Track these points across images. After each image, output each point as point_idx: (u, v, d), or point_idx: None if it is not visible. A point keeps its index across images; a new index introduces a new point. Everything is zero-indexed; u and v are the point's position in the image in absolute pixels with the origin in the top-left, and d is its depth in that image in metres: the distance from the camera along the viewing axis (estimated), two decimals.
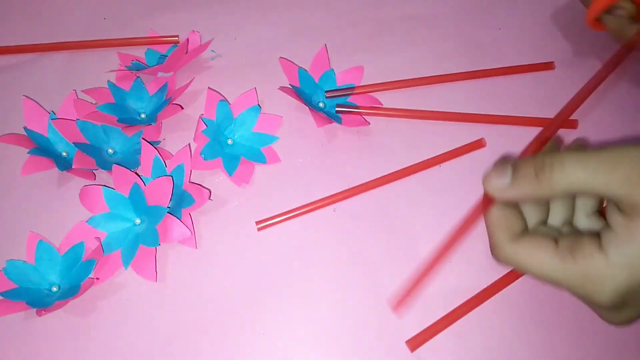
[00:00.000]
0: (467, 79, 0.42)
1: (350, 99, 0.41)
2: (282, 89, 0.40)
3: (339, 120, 0.39)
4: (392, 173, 0.38)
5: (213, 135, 0.38)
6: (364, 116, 0.40)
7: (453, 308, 0.34)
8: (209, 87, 0.40)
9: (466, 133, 0.40)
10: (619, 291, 0.23)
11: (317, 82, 0.41)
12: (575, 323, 0.34)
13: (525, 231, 0.27)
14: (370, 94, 0.41)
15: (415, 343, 0.33)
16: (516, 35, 0.44)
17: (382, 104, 0.41)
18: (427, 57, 0.43)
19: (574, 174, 0.23)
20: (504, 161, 0.26)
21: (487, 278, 0.35)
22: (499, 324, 0.34)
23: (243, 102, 0.40)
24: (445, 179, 0.38)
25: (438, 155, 0.39)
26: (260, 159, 0.38)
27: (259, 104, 0.40)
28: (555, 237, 0.26)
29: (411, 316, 0.34)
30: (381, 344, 0.33)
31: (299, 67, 0.41)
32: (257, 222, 0.36)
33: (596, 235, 0.24)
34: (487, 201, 0.27)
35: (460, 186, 0.38)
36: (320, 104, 0.41)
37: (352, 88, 0.41)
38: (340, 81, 0.41)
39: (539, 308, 0.34)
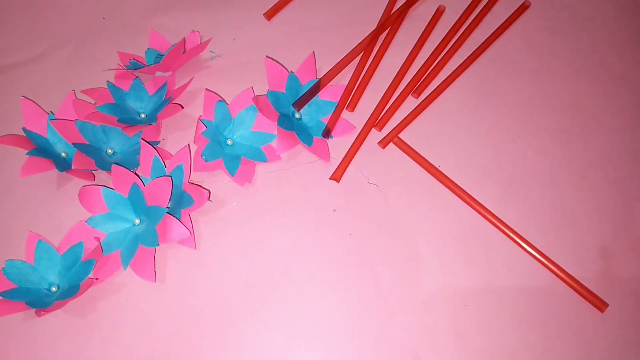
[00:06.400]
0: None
1: (321, 119, 0.40)
2: (255, 100, 0.38)
3: (309, 143, 0.37)
4: None
5: (212, 136, 0.38)
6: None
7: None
8: (206, 89, 0.40)
9: None
10: None
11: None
12: (575, 323, 0.34)
13: None
14: (344, 112, 0.40)
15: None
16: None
17: (355, 127, 0.39)
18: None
19: None
20: None
21: (487, 278, 0.35)
22: (499, 324, 0.34)
23: (240, 101, 0.39)
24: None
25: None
26: (261, 157, 0.38)
27: None
28: None
29: (411, 316, 0.34)
30: (381, 344, 0.33)
31: (290, 71, 0.39)
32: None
33: None
34: None
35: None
36: (297, 115, 0.39)
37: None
38: (321, 96, 0.40)
39: (539, 308, 0.34)
